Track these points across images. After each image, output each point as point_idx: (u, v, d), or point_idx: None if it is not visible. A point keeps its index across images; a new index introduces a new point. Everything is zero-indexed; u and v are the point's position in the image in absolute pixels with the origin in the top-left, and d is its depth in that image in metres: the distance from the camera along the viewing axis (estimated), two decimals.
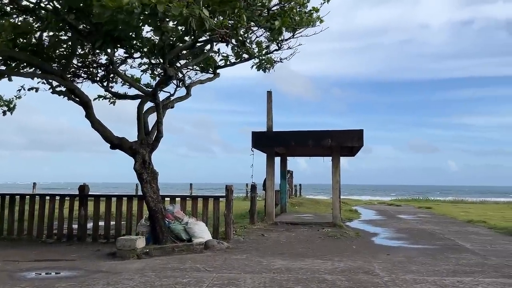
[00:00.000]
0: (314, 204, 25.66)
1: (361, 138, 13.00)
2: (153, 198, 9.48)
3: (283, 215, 17.04)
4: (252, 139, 13.53)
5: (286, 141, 13.39)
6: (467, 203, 36.61)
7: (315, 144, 13.28)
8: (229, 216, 10.34)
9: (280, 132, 13.55)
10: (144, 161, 9.53)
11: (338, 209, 13.58)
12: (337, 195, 13.61)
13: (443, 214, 21.36)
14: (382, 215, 20.59)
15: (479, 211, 25.33)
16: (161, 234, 9.35)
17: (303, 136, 13.28)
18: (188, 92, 10.76)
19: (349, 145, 13.03)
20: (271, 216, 13.98)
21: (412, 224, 15.82)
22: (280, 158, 18.48)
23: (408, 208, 26.95)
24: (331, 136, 13.12)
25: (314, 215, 17.34)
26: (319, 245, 9.98)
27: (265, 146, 13.64)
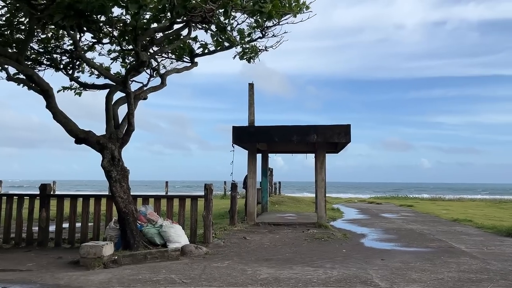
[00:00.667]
0: (295, 202, 24.97)
1: (348, 133, 12.28)
2: (123, 198, 8.49)
3: (265, 214, 16.22)
4: (233, 134, 12.64)
5: (269, 136, 12.55)
6: (445, 200, 36.72)
7: (300, 139, 12.49)
8: (208, 217, 9.43)
9: (263, 127, 12.70)
10: (113, 157, 8.52)
11: (324, 209, 12.84)
12: (322, 194, 12.87)
13: (426, 213, 20.98)
14: (365, 213, 20.02)
15: (459, 209, 25.21)
16: (132, 239, 8.38)
17: (287, 131, 12.46)
18: (163, 81, 9.78)
19: (336, 140, 12.30)
20: (252, 216, 13.13)
21: (398, 223, 15.24)
22: (262, 155, 17.64)
23: (389, 206, 26.57)
24: (317, 131, 12.36)
25: (297, 214, 16.58)
26: (306, 249, 9.17)
27: (246, 142, 12.77)
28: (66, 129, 8.59)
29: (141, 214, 9.14)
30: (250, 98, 13.28)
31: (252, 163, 13.30)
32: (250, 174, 13.24)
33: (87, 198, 9.87)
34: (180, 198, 9.79)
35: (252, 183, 13.21)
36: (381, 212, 20.73)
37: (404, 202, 31.10)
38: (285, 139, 12.48)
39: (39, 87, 8.39)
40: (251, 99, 13.27)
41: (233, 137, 12.63)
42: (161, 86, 9.76)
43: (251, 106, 13.26)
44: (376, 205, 27.63)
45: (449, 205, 28.90)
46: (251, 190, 13.18)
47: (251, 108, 13.24)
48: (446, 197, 41.20)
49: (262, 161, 17.64)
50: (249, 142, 12.87)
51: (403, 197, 41.20)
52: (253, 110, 13.26)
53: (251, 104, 13.27)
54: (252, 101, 13.27)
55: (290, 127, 12.53)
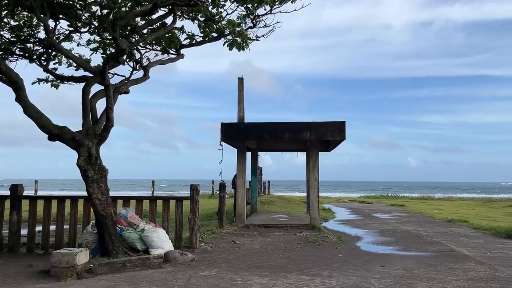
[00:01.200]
0: (285, 202, 24.37)
1: (343, 130, 11.68)
2: (101, 200, 7.75)
3: (254, 215, 15.56)
4: (221, 131, 11.95)
5: (260, 133, 11.89)
6: (435, 200, 36.51)
7: (292, 137, 11.85)
8: (194, 220, 8.75)
9: (253, 123, 12.03)
10: (90, 155, 7.78)
11: (317, 210, 12.23)
12: (315, 194, 12.25)
13: (419, 213, 20.56)
14: (357, 214, 19.51)
15: (451, 208, 24.93)
16: (110, 245, 7.65)
17: (279, 128, 11.82)
18: (146, 73, 9.05)
19: (330, 138, 11.69)
20: (242, 218, 12.46)
21: (392, 224, 14.72)
22: (251, 154, 16.98)
23: (381, 206, 26.15)
24: (310, 129, 11.73)
25: (288, 215, 15.96)
26: (300, 254, 8.54)
27: (236, 139, 12.09)
28: (38, 125, 7.81)
29: (121, 217, 8.42)
30: (240, 94, 12.60)
31: (242, 162, 12.63)
32: (240, 174, 12.57)
33: (63, 200, 9.11)
34: (164, 199, 9.08)
35: (241, 183, 12.54)
36: (373, 212, 20.24)
37: (394, 201, 30.72)
38: (277, 137, 11.84)
39: (7, 77, 7.60)
40: (241, 95, 12.59)
41: (221, 134, 11.94)
42: (143, 78, 9.04)
43: (241, 102, 12.58)
44: (367, 204, 27.19)
45: (440, 205, 28.64)
46: (240, 190, 12.51)
47: (241, 104, 12.57)
48: (435, 196, 41.04)
49: (252, 159, 16.98)
50: (239, 140, 12.20)
51: (392, 196, 40.92)
52: (242, 106, 12.58)
53: (241, 99, 12.60)
54: (241, 96, 12.59)
55: (281, 124, 11.89)
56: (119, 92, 8.67)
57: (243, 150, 12.75)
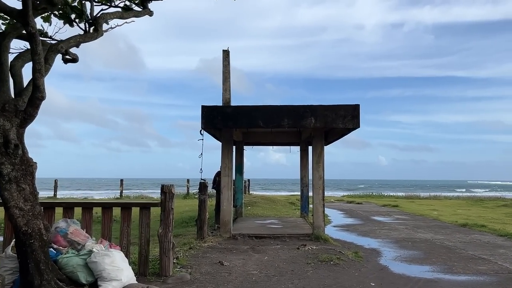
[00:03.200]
0: (269, 203, 21.88)
1: (356, 116, 9.29)
2: (23, 210, 5.07)
3: (241, 221, 13.02)
4: (203, 117, 9.36)
5: (252, 120, 9.36)
6: (422, 199, 34.89)
7: (292, 124, 9.37)
8: (167, 237, 6.15)
9: (244, 107, 9.48)
10: (8, 142, 5.08)
11: (322, 216, 9.79)
12: (319, 196, 9.81)
13: (420, 215, 18.54)
14: (354, 217, 17.24)
15: (445, 208, 23.23)
16: (37, 277, 5.00)
17: (277, 114, 9.32)
18: (98, 28, 6.38)
19: (340, 126, 9.26)
20: (227, 227, 9.90)
21: (403, 231, 12.47)
22: (236, 147, 14.42)
23: (372, 206, 24.06)
24: (315, 114, 9.29)
25: (280, 220, 13.49)
26: (317, 283, 6.07)
27: (221, 126, 9.51)
28: None
29: (59, 234, 5.76)
30: (225, 70, 10.03)
31: (228, 156, 10.06)
32: (225, 171, 10.01)
33: None
34: (124, 206, 6.42)
35: (227, 183, 9.98)
36: (370, 215, 18.04)
37: (384, 201, 28.75)
38: (273, 124, 9.33)
39: None
40: (226, 71, 10.02)
41: (202, 120, 9.35)
42: (93, 34, 6.35)
43: (226, 80, 10.01)
44: (357, 205, 25.06)
45: (431, 204, 26.89)
46: (226, 192, 9.94)
47: (226, 83, 10.00)
48: (421, 195, 39.48)
49: (236, 154, 14.43)
50: (225, 127, 9.61)
51: (377, 195, 39.08)
52: (228, 86, 10.01)
53: (226, 78, 10.03)
54: (227, 73, 10.02)
55: (280, 107, 9.38)
56: (57, 51, 5.96)
57: (229, 141, 10.18)
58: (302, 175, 14.39)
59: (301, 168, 14.44)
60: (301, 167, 14.43)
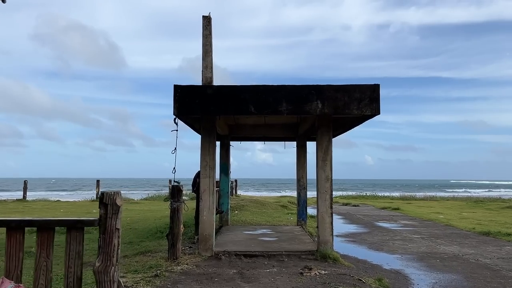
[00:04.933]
0: (259, 206, 19.70)
1: (376, 100, 7.18)
2: None
3: (227, 232, 10.81)
4: (176, 100, 7.13)
5: (240, 104, 7.16)
6: (418, 200, 33.19)
7: (292, 109, 7.20)
8: (108, 274, 3.91)
9: (229, 87, 7.27)
10: None
11: (329, 229, 7.64)
12: (327, 203, 7.66)
13: (428, 219, 16.64)
14: (355, 222, 15.19)
15: (448, 211, 21.49)
16: None
17: (273, 95, 7.13)
18: None
19: (355, 112, 7.12)
20: (209, 242, 7.68)
21: (422, 242, 10.43)
22: (220, 143, 12.21)
23: (370, 209, 22.10)
24: (322, 95, 7.15)
25: (273, 229, 11.31)
26: None
27: (200, 113, 7.28)
28: None
29: None
30: (206, 41, 7.81)
31: (209, 152, 7.84)
32: (205, 171, 7.79)
33: None
34: (42, 226, 4.15)
35: (208, 186, 7.76)
36: (373, 220, 16.01)
37: (381, 203, 26.84)
38: (268, 109, 7.14)
39: None
40: (207, 43, 7.80)
41: (175, 105, 7.12)
42: None
43: (208, 54, 7.80)
44: (354, 207, 23.08)
45: (431, 206, 25.17)
46: (206, 197, 7.73)
47: (208, 58, 7.78)
48: (416, 195, 37.75)
49: (221, 151, 12.22)
50: (205, 114, 7.37)
51: (371, 196, 37.20)
52: (210, 62, 7.80)
53: (208, 52, 7.81)
54: (208, 46, 7.82)
55: (278, 88, 7.20)
56: None
57: (210, 133, 7.95)
58: (299, 176, 12.23)
59: (298, 168, 12.28)
60: (298, 166, 12.28)
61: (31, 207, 23.39)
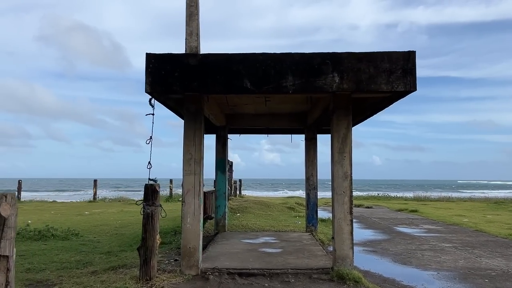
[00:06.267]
0: (263, 208, 18.00)
1: (411, 71, 5.46)
2: None
3: (221, 240, 9.12)
4: (149, 73, 5.47)
5: (233, 77, 5.48)
6: (433, 201, 31.29)
7: (300, 85, 5.48)
8: None
9: (218, 55, 5.59)
10: None
11: (349, 240, 5.91)
12: (345, 207, 5.95)
13: (453, 223, 14.82)
14: (371, 226, 13.44)
15: (471, 213, 19.62)
16: None
17: (275, 66, 5.44)
18: None
19: (383, 87, 5.41)
20: (194, 257, 6.00)
21: (458, 254, 8.68)
22: (216, 136, 10.53)
23: (385, 211, 20.30)
24: (341, 66, 5.44)
25: (278, 237, 9.60)
26: None
27: (180, 90, 5.58)
28: None
29: None
30: (190, 1, 6.15)
31: (194, 142, 6.15)
32: (190, 166, 6.11)
33: None
34: None
35: (192, 185, 6.08)
36: (391, 224, 14.25)
37: (395, 204, 25.01)
38: (269, 84, 5.45)
39: None
40: (192, 3, 6.12)
41: (147, 79, 5.46)
42: None
43: (193, 18, 6.12)
44: (368, 209, 21.29)
45: (450, 208, 23.33)
46: (191, 199, 6.06)
47: (193, 22, 6.11)
48: (431, 196, 35.82)
49: (218, 145, 10.54)
50: (187, 90, 5.67)
51: (383, 197, 35.28)
52: (196, 28, 6.14)
53: (193, 14, 6.14)
54: (194, 8, 6.14)
55: (281, 56, 5.51)
56: None
57: (195, 116, 6.26)
58: (308, 174, 10.50)
59: (307, 164, 10.56)
60: (307, 163, 10.55)
61: (22, 209, 21.94)
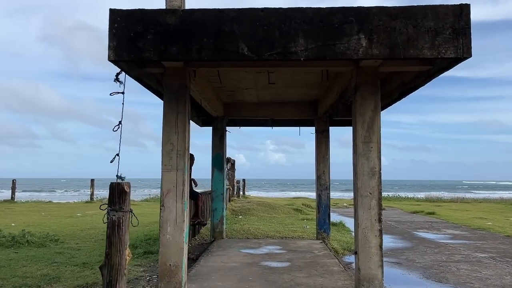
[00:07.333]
0: (268, 210, 16.59)
1: (463, 31, 4.05)
2: None
3: (217, 251, 7.73)
4: (113, 35, 4.11)
5: (224, 40, 4.13)
6: (447, 201, 29.77)
7: (315, 49, 4.09)
8: None
9: (206, 12, 4.25)
10: None
11: (378, 255, 4.52)
12: (373, 212, 4.56)
13: (479, 227, 13.32)
14: (388, 231, 12.00)
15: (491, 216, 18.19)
16: None
17: (280, 24, 4.07)
18: None
19: (426, 53, 4.02)
20: (174, 278, 4.62)
21: (500, 268, 7.25)
22: (213, 127, 9.16)
23: (399, 213, 18.86)
24: (369, 24, 4.04)
25: (284, 246, 8.19)
26: None
27: (156, 57, 4.19)
28: None
29: None
30: None
31: (177, 129, 4.75)
32: (172, 159, 4.74)
33: None
34: None
35: (175, 184, 4.71)
36: (410, 228, 12.83)
37: (408, 206, 23.52)
38: (272, 49, 4.09)
39: None
40: None
41: (111, 43, 4.11)
42: None
43: None
44: None
45: (466, 210, 21.82)
46: (172, 203, 4.69)
47: None
48: (444, 196, 34.27)
49: (215, 139, 9.17)
50: (164, 58, 4.25)
51: (394, 198, 33.68)
52: None
53: None
54: None
55: (290, 11, 4.13)
56: None
57: (179, 95, 4.82)
58: (320, 172, 9.08)
59: (318, 160, 9.14)
60: (318, 159, 9.13)
61: (13, 209, 20.72)
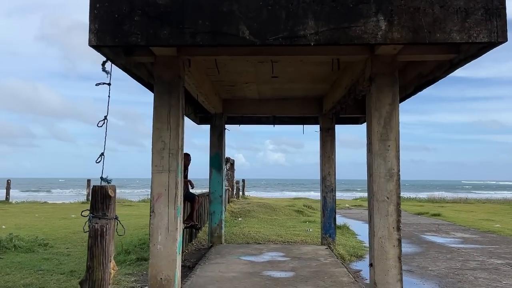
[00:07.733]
0: (268, 211, 16.06)
1: (497, 12, 3.52)
2: None
3: (215, 258, 7.19)
4: (94, 16, 3.57)
5: (220, 21, 3.60)
6: (449, 202, 29.27)
7: (327, 33, 3.56)
8: None
9: None
10: None
11: (397, 268, 3.99)
12: (390, 219, 4.02)
13: (488, 230, 12.84)
14: None
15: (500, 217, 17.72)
16: None
17: (289, 2, 3.54)
18: None
19: (454, 36, 3.50)
20: None
21: None
22: (211, 125, 8.62)
23: (403, 214, 18.28)
24: (389, 3, 3.50)
25: (287, 253, 7.64)
26: None
27: (144, 41, 3.66)
28: None
29: None
30: None
31: (169, 124, 4.23)
32: (163, 159, 4.21)
33: None
34: None
35: (167, 187, 4.18)
36: (417, 231, 12.34)
37: (411, 207, 23.02)
38: (278, 32, 3.57)
39: None
40: None
41: (92, 26, 3.58)
42: None
43: None
44: None
45: (471, 211, 21.34)
46: (164, 208, 4.16)
47: None
48: (446, 197, 33.78)
49: (213, 138, 8.63)
50: (154, 42, 3.68)
51: None
52: None
53: None
54: None
55: None
56: None
57: (171, 86, 4.29)
58: (325, 173, 8.54)
59: (323, 160, 8.60)
60: (323, 159, 8.59)
61: (7, 210, 20.18)
